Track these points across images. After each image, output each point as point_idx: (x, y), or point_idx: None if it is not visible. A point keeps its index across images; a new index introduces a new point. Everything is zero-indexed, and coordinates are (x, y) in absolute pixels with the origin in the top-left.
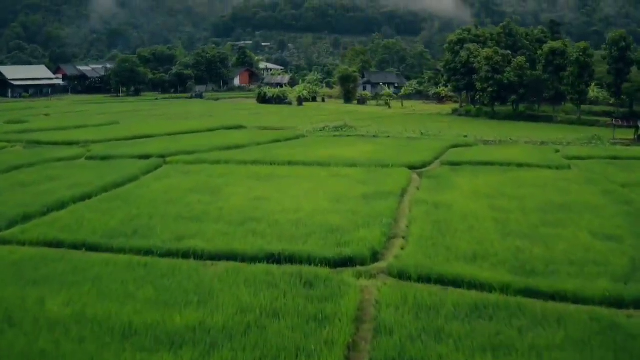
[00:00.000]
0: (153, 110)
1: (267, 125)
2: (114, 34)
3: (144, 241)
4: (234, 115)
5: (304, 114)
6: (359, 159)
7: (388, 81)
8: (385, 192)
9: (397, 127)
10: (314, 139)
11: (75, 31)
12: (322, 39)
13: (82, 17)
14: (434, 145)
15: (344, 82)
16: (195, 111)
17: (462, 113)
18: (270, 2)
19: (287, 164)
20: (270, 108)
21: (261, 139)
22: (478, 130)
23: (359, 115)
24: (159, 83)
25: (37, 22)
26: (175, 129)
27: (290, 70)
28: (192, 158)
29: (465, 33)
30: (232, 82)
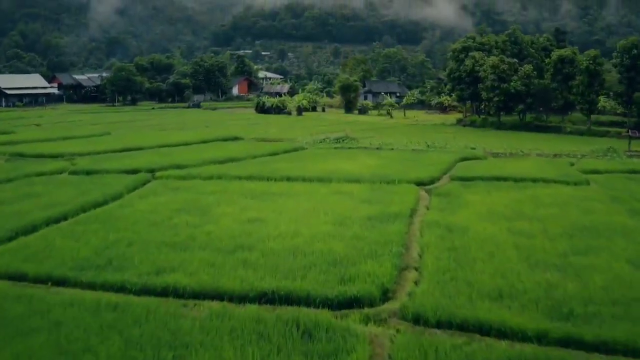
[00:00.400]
0: (148, 120)
1: (264, 137)
2: (113, 43)
3: (118, 275)
4: (231, 125)
5: (304, 125)
6: (362, 174)
7: (390, 90)
8: (392, 213)
9: (400, 139)
10: (313, 152)
11: (74, 40)
12: (322, 48)
13: (81, 25)
14: (441, 158)
15: (345, 92)
16: (191, 121)
17: (467, 123)
18: (270, 11)
19: (285, 179)
20: (268, 118)
21: (258, 151)
22: (485, 141)
23: (360, 126)
24: (155, 92)
25: (35, 30)
26: (168, 140)
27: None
28: (183, 173)
29: (470, 41)
30: (231, 92)
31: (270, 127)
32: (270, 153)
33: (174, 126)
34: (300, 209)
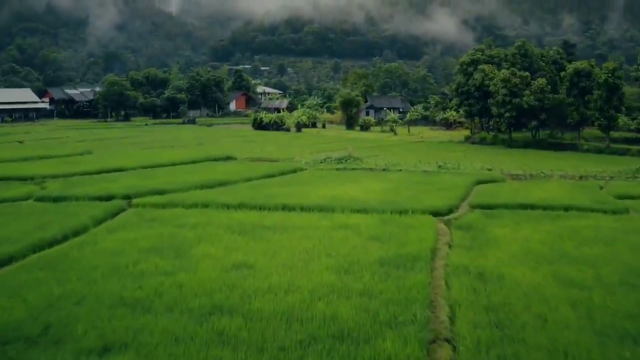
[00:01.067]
0: (138, 137)
1: (260, 156)
2: (110, 58)
3: (51, 351)
4: (226, 143)
5: (303, 142)
6: (369, 202)
7: (392, 106)
8: (409, 255)
9: (408, 158)
10: (313, 173)
11: (72, 54)
12: (322, 63)
13: (79, 40)
14: (456, 181)
15: (346, 107)
16: (184, 138)
17: (476, 140)
18: (270, 25)
19: (280, 208)
20: (266, 135)
21: (252, 173)
22: (499, 161)
23: (363, 143)
24: (150, 107)
25: (33, 45)
26: (154, 160)
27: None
28: (163, 200)
29: (479, 53)
30: (228, 107)
31: (267, 145)
32: (265, 175)
33: (164, 144)
34: (297, 250)
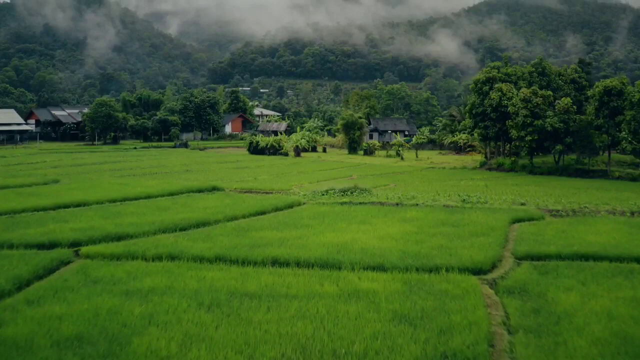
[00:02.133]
0: (121, 163)
1: (252, 186)
2: (107, 79)
3: None
4: (216, 169)
5: (302, 168)
6: (386, 254)
7: (397, 129)
8: (458, 354)
9: (422, 188)
10: (314, 210)
11: (69, 76)
12: (322, 85)
13: (76, 61)
14: (488, 220)
15: (349, 130)
16: (171, 164)
17: (493, 167)
18: (269, 47)
19: (269, 262)
20: (261, 160)
21: (239, 209)
22: (527, 192)
23: (368, 170)
24: (140, 130)
25: (30, 66)
26: (126, 192)
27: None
28: (121, 248)
29: (494, 71)
30: (223, 130)
31: (261, 172)
32: (255, 212)
33: (147, 170)
34: (289, 342)
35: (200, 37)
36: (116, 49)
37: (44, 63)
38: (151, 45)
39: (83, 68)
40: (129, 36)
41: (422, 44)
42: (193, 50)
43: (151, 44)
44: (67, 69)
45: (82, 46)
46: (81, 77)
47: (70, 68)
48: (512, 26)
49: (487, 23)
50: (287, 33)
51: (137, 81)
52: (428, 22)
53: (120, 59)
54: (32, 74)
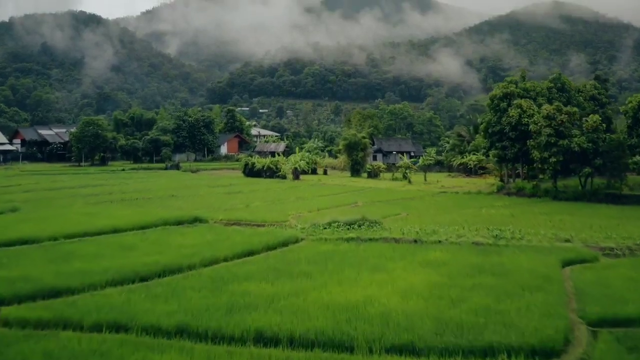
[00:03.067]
0: (102, 187)
1: (241, 217)
2: (104, 99)
3: None
4: (206, 194)
5: (301, 193)
6: (415, 323)
7: (402, 149)
8: None
9: (440, 219)
10: (314, 249)
11: (66, 95)
12: (323, 106)
13: (73, 81)
14: (534, 264)
15: (351, 151)
16: (157, 188)
17: (512, 191)
18: (269, 67)
19: (251, 339)
20: (257, 184)
21: (221, 249)
22: (563, 223)
23: (374, 195)
24: (130, 150)
25: (26, 85)
26: (88, 225)
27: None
28: (49, 312)
29: (512, 86)
30: (219, 150)
31: (255, 198)
32: (240, 253)
33: (127, 196)
34: None
35: (200, 57)
36: (114, 69)
37: (40, 82)
38: (150, 65)
39: (80, 88)
40: (127, 56)
41: (424, 63)
42: (192, 70)
43: (150, 64)
44: (64, 89)
45: (80, 65)
46: (78, 97)
47: (67, 87)
48: (515, 45)
49: (488, 42)
50: (286, 53)
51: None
52: (429, 41)
53: (118, 79)
54: (28, 93)
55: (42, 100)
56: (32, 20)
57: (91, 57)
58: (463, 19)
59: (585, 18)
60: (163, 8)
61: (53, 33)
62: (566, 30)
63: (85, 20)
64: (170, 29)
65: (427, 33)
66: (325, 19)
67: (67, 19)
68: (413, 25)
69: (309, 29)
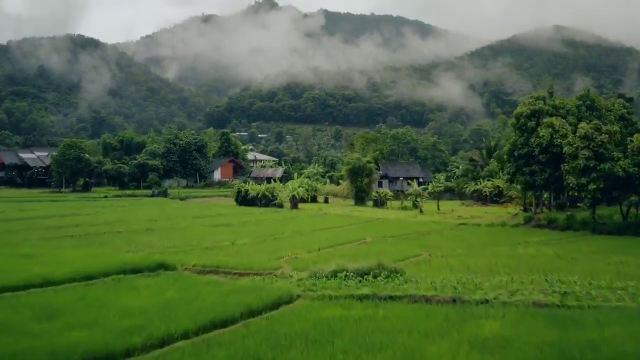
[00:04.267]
0: (72, 217)
1: (219, 263)
2: (99, 123)
3: None
4: (188, 226)
5: (299, 226)
6: None
7: (410, 175)
8: None
9: (472, 262)
10: (314, 317)
11: (61, 119)
12: (323, 130)
13: (70, 104)
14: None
15: (355, 176)
16: (135, 219)
17: (542, 223)
18: (268, 91)
19: None
20: (249, 214)
21: (181, 318)
22: (627, 266)
23: (385, 228)
24: (116, 176)
25: (22, 108)
26: (12, 275)
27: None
28: None
29: (540, 102)
30: (212, 176)
31: (244, 232)
32: (208, 323)
33: (97, 229)
34: None
35: (199, 82)
36: (111, 93)
37: (36, 106)
38: (148, 89)
39: (77, 111)
40: (125, 80)
41: (425, 87)
42: (191, 95)
43: (148, 88)
44: (59, 112)
45: (77, 89)
46: (74, 121)
47: (63, 111)
48: (517, 69)
49: (491, 66)
50: (286, 77)
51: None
52: (430, 66)
53: (115, 103)
54: (24, 116)
55: (37, 123)
56: (29, 43)
57: (88, 81)
58: (464, 45)
59: (588, 42)
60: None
61: (50, 56)
62: (569, 54)
63: (83, 43)
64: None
65: (428, 58)
66: (325, 44)
67: (65, 42)
68: (414, 50)
69: (309, 53)
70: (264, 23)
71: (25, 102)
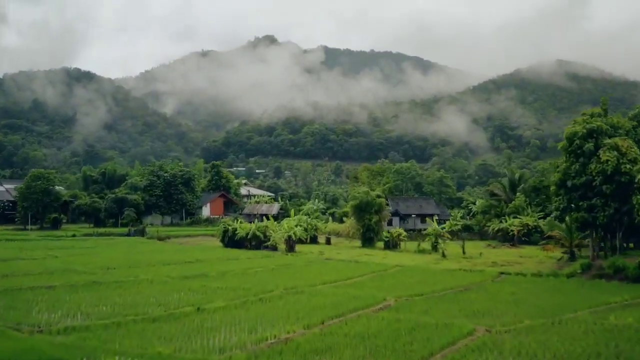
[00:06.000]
0: (10, 263)
1: (170, 354)
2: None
3: None
4: (152, 278)
5: (294, 280)
6: None
7: (424, 212)
8: None
9: (566, 349)
10: None
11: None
12: (323, 166)
13: (63, 138)
14: None
15: (362, 213)
16: (88, 266)
17: (606, 272)
18: (267, 126)
19: None
20: (235, 259)
21: None
22: None
23: (407, 281)
24: (89, 211)
25: (14, 142)
26: None
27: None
28: None
29: (597, 120)
30: (200, 212)
31: (217, 291)
32: None
33: (24, 282)
34: None
35: (197, 117)
36: (107, 127)
37: (29, 139)
38: (144, 124)
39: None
40: (121, 114)
41: (428, 122)
42: (188, 130)
43: (144, 123)
44: (53, 146)
45: (71, 123)
46: (68, 155)
47: (57, 145)
48: (521, 104)
49: (494, 100)
50: (285, 111)
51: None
52: (432, 100)
53: (110, 137)
54: (16, 150)
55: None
56: (24, 76)
57: (83, 114)
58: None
59: (592, 76)
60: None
61: (45, 89)
62: (573, 87)
63: (79, 76)
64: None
65: (429, 93)
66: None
67: (60, 75)
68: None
69: (309, 88)
70: (264, 58)
71: (18, 136)
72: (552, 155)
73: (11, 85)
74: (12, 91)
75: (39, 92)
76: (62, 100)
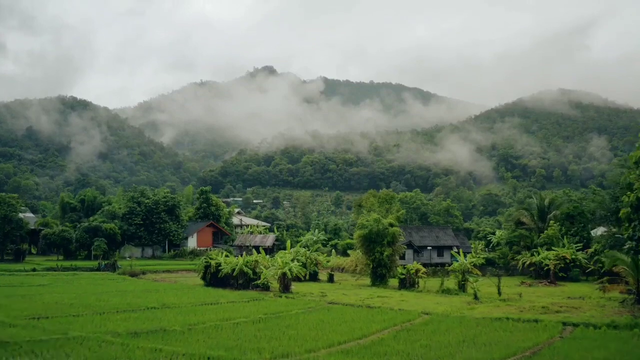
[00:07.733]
0: None
1: None
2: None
3: None
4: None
5: (284, 341)
6: None
7: (441, 244)
8: None
9: None
10: None
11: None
12: (322, 196)
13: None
14: None
15: (372, 245)
16: (17, 312)
17: None
18: (265, 155)
19: None
20: (212, 305)
21: None
22: None
23: (444, 341)
24: (58, 242)
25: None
26: None
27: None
28: None
29: None
30: (185, 243)
31: None
32: None
33: None
34: None
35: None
36: (102, 156)
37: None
38: (140, 153)
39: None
40: (116, 143)
41: (430, 151)
42: (185, 159)
43: (140, 152)
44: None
45: (66, 151)
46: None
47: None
48: (525, 132)
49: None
50: (284, 140)
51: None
52: (434, 129)
53: (105, 166)
54: (7, 178)
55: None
56: (18, 104)
57: (78, 143)
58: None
59: (596, 104)
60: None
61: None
62: (577, 116)
63: (74, 105)
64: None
65: (430, 122)
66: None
67: (54, 103)
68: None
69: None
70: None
71: (11, 164)
72: (559, 184)
73: (5, 113)
74: (5, 119)
75: (34, 120)
76: (56, 128)
